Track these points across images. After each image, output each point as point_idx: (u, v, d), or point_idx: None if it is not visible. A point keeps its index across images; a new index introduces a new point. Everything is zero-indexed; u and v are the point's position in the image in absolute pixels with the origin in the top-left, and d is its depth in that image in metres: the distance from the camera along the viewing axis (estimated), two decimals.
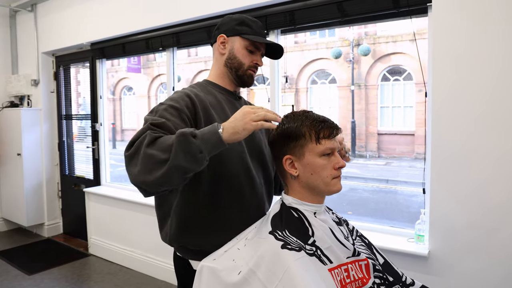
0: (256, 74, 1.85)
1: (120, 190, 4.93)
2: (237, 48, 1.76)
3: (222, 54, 1.79)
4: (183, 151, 1.31)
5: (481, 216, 2.45)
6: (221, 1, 3.62)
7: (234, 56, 1.76)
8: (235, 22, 1.77)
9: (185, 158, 1.32)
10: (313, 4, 3.17)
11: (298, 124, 1.51)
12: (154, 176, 1.33)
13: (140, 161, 1.35)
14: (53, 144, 5.91)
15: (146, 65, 21.95)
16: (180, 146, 1.31)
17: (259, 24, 1.81)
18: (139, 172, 1.34)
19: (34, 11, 5.65)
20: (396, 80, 16.07)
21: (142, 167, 1.34)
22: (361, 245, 1.61)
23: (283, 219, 1.50)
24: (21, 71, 5.99)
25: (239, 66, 1.77)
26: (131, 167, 1.38)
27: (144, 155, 1.34)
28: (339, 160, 1.51)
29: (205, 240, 1.61)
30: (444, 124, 2.55)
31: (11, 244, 5.47)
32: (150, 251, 4.40)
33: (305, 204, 1.53)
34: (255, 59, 1.79)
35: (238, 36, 1.76)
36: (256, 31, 1.77)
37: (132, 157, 1.38)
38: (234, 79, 1.81)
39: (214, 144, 1.36)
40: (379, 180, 11.98)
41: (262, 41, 1.76)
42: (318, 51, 17.32)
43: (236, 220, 1.63)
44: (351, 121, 16.26)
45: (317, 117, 1.53)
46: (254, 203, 1.70)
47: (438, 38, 2.55)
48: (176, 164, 1.31)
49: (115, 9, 4.58)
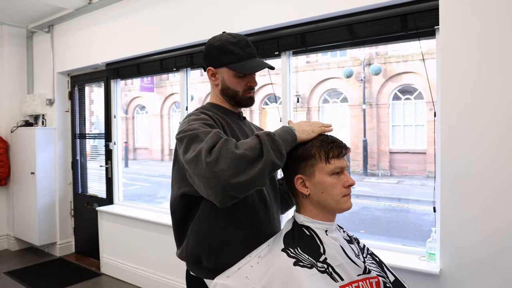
0: (254, 92, 1.86)
1: (133, 209, 4.95)
2: (227, 78, 1.77)
3: (216, 85, 1.82)
4: (272, 148, 1.40)
5: (492, 234, 2.45)
6: (234, 23, 3.68)
7: (227, 86, 1.78)
8: (219, 52, 1.76)
9: (274, 154, 1.40)
10: (324, 27, 3.23)
11: (308, 145, 1.56)
12: (248, 175, 1.36)
13: (231, 163, 1.35)
14: (66, 163, 5.97)
15: (159, 84, 22.13)
16: (269, 144, 1.40)
17: (243, 43, 1.77)
18: (233, 174, 1.34)
19: (51, 32, 5.77)
20: (407, 99, 16.05)
21: (235, 169, 1.35)
22: (371, 263, 1.63)
23: (295, 237, 1.53)
24: (37, 90, 6.09)
25: (234, 94, 1.79)
26: (219, 172, 1.35)
27: (235, 157, 1.36)
28: (348, 178, 1.55)
29: (220, 256, 1.64)
30: (454, 143, 2.57)
31: (23, 264, 5.49)
32: (162, 270, 4.41)
33: (316, 222, 1.56)
34: (248, 82, 1.79)
35: (224, 67, 1.76)
36: (241, 55, 1.74)
37: (218, 162, 1.35)
38: (234, 105, 1.84)
39: (290, 142, 1.49)
40: (391, 198, 11.90)
41: (247, 72, 1.75)
42: (329, 70, 17.38)
43: (249, 236, 1.67)
44: (363, 139, 16.23)
45: (326, 137, 1.57)
46: (266, 219, 1.73)
47: (446, 59, 2.58)
48: (270, 160, 1.38)
49: (129, 30, 4.67)
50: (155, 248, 4.44)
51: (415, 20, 2.79)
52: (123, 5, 4.72)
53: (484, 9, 2.44)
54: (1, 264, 5.49)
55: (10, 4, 5.19)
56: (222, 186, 1.35)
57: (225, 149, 1.37)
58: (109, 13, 4.91)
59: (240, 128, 1.82)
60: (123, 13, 4.72)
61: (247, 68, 1.74)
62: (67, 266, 5.49)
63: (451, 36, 2.56)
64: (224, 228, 1.65)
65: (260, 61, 1.79)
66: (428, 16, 2.72)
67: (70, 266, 5.48)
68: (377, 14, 2.95)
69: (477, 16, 2.46)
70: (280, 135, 1.46)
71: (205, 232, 1.65)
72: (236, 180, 1.34)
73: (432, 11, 2.68)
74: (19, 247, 6.15)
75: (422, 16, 2.76)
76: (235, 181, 1.34)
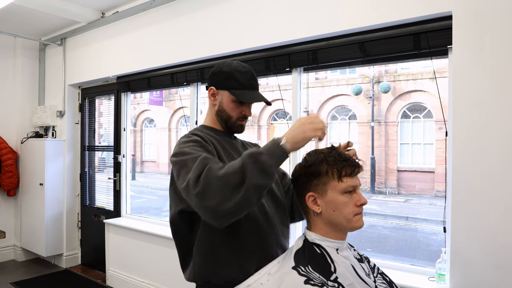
0: (246, 122, 1.91)
1: (140, 222, 4.94)
2: (225, 102, 1.83)
3: (214, 105, 1.87)
4: (256, 170, 1.40)
5: (503, 255, 2.42)
6: (245, 39, 3.70)
7: (223, 109, 1.84)
8: (224, 76, 1.82)
9: (258, 176, 1.39)
10: (335, 44, 3.24)
11: (320, 163, 1.55)
12: (234, 202, 1.38)
13: (216, 192, 1.39)
14: (75, 175, 5.99)
15: (168, 98, 22.26)
16: (251, 165, 1.40)
17: (249, 74, 1.84)
18: (219, 203, 1.38)
19: (63, 45, 5.82)
20: (416, 117, 16.05)
21: (220, 197, 1.38)
22: (382, 282, 1.62)
23: (306, 254, 1.52)
24: (47, 102, 6.14)
25: (227, 118, 1.85)
26: (207, 202, 1.40)
27: (219, 184, 1.39)
28: (361, 197, 1.54)
29: (227, 271, 1.64)
30: (465, 163, 2.55)
31: (29, 275, 5.48)
32: (169, 285, 4.38)
33: (327, 241, 1.55)
34: (243, 111, 1.85)
35: (226, 90, 1.82)
36: (245, 84, 1.81)
37: (204, 193, 1.41)
38: (224, 128, 1.89)
39: (280, 156, 1.46)
40: (398, 217, 11.83)
41: (246, 100, 1.81)
42: (338, 87, 17.44)
43: (254, 246, 1.67)
44: (371, 157, 16.19)
45: (339, 156, 1.56)
46: (269, 230, 1.72)
47: (459, 79, 2.58)
48: (252, 184, 1.38)
49: (141, 44, 4.71)
50: (161, 262, 4.42)
51: (428, 39, 2.79)
52: (135, 19, 4.76)
53: (497, 29, 2.44)
54: (8, 274, 5.48)
55: (24, 17, 5.26)
56: (212, 214, 1.42)
57: (209, 178, 1.42)
58: (121, 27, 4.96)
59: (232, 146, 1.87)
60: (135, 27, 4.76)
61: (247, 97, 1.81)
62: (73, 278, 5.47)
63: (463, 55, 2.56)
64: (227, 243, 1.65)
65: (260, 95, 1.86)
66: (441, 35, 2.72)
67: (76, 278, 5.46)
68: (390, 32, 2.95)
69: (490, 36, 2.46)
70: (268, 151, 1.45)
71: (209, 248, 1.66)
72: (224, 208, 1.39)
73: (445, 31, 2.68)
74: (26, 257, 6.14)
75: (435, 35, 2.76)
76: (222, 208, 1.39)
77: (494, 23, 2.45)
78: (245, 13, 3.72)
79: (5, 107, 6.09)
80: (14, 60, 6.15)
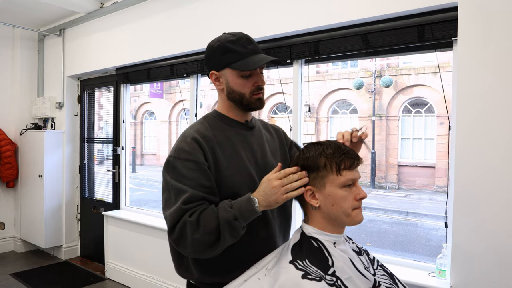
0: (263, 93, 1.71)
1: (139, 215, 4.93)
2: (231, 80, 1.65)
3: (222, 90, 1.70)
4: (230, 234, 1.47)
5: (505, 251, 2.39)
6: (246, 30, 3.63)
7: (232, 89, 1.65)
8: (219, 53, 1.64)
9: (231, 237, 1.48)
10: (337, 36, 3.19)
11: (318, 155, 1.50)
12: (208, 254, 1.51)
13: (190, 246, 1.48)
14: (74, 167, 5.97)
15: (168, 90, 22.22)
16: (227, 231, 1.46)
17: (244, 39, 1.65)
18: (191, 253, 1.52)
19: (62, 36, 5.79)
20: (417, 112, 16.02)
21: (193, 251, 1.50)
22: (382, 275, 1.58)
23: (303, 248, 1.48)
24: (46, 93, 6.11)
25: (241, 97, 1.66)
26: (181, 248, 1.51)
27: (193, 242, 1.47)
28: (360, 191, 1.50)
29: (219, 277, 1.62)
30: (468, 158, 2.51)
31: (29, 266, 5.49)
32: (167, 277, 4.37)
33: (325, 234, 1.51)
34: (255, 82, 1.65)
35: (227, 68, 1.64)
36: (242, 52, 1.62)
37: (179, 242, 1.50)
38: (242, 109, 1.71)
39: (252, 218, 1.50)
40: (398, 212, 11.82)
41: (251, 68, 1.60)
42: (340, 81, 17.39)
43: (246, 253, 1.61)
44: (371, 152, 16.18)
45: (338, 148, 1.51)
46: (265, 235, 1.68)
47: (463, 72, 2.53)
48: (226, 243, 1.49)
49: (140, 35, 4.67)
50: (160, 254, 4.40)
51: (432, 31, 2.74)
52: (135, 10, 4.72)
53: (504, 21, 2.39)
54: (7, 265, 5.49)
55: (22, 8, 5.22)
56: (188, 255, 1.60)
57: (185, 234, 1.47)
58: (120, 17, 4.92)
59: (245, 141, 1.72)
60: (135, 18, 4.72)
61: (251, 64, 1.60)
62: (72, 269, 5.47)
63: (468, 47, 2.51)
64: None
65: (263, 56, 1.66)
66: (446, 27, 2.67)
67: (74, 269, 5.46)
68: (393, 24, 2.90)
69: (496, 28, 2.42)
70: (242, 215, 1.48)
71: None
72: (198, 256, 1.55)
73: (450, 22, 2.63)
74: (25, 249, 6.15)
75: (439, 27, 2.71)
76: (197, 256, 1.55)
77: (501, 15, 2.40)
78: (247, 4, 3.68)
79: (4, 98, 6.06)
80: (13, 51, 6.11)
